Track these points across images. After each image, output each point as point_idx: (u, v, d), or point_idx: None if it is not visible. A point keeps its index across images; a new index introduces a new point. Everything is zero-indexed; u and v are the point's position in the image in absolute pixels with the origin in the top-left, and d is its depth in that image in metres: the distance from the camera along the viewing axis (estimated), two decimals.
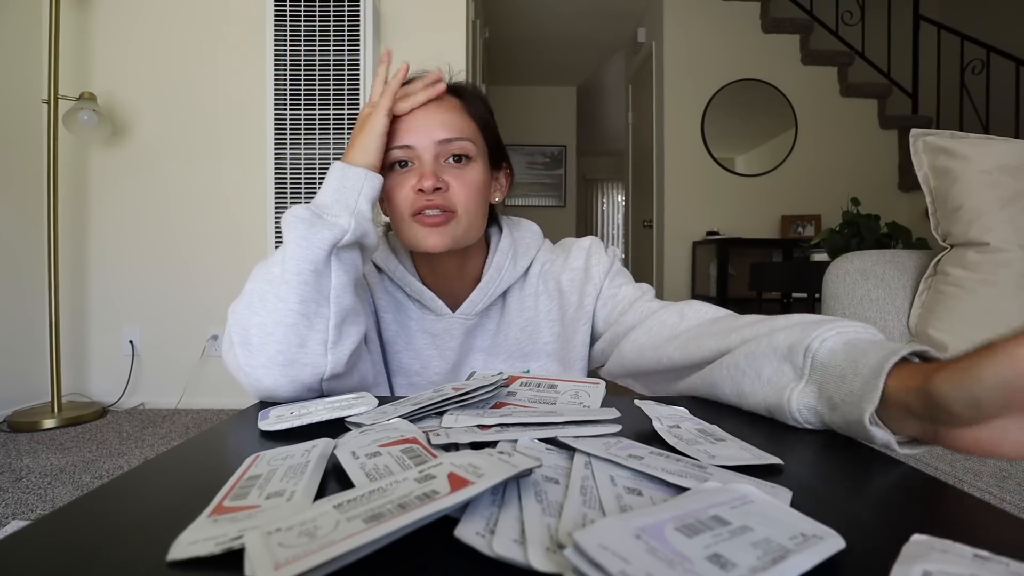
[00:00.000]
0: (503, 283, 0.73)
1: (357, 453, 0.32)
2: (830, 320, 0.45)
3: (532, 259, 0.76)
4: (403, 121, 0.65)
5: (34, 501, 1.44)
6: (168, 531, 0.24)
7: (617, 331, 0.70)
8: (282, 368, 0.51)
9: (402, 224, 0.66)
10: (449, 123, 0.65)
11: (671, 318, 0.64)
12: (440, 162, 0.65)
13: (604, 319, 0.73)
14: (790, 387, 0.43)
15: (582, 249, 0.76)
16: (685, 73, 3.63)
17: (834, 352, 0.42)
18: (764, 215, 3.63)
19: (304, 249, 0.54)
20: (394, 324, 0.72)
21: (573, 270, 0.75)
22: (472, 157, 0.67)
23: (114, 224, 2.45)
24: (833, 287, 1.21)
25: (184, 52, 2.44)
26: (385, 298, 0.72)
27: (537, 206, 5.85)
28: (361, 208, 0.59)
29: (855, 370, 0.38)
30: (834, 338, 0.43)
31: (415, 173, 0.64)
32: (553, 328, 0.74)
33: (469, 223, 0.66)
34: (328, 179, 0.60)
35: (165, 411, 2.38)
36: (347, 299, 0.56)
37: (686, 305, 0.64)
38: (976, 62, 3.01)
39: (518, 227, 0.78)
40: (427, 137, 0.64)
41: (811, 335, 0.43)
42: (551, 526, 0.23)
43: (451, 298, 0.72)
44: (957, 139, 1.08)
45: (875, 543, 0.24)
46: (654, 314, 0.66)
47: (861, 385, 0.37)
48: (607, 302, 0.73)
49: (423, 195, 0.63)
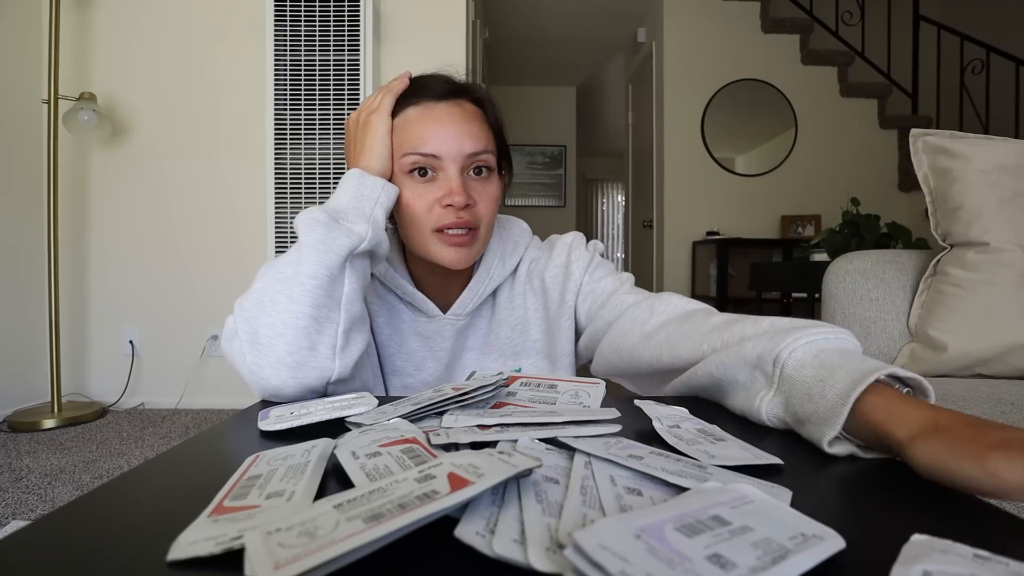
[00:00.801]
0: (492, 283, 0.73)
1: (357, 453, 0.32)
2: (800, 326, 0.44)
3: (521, 258, 0.76)
4: (425, 126, 0.63)
5: (34, 501, 1.44)
6: (168, 531, 0.24)
7: (597, 326, 0.69)
8: (290, 369, 0.51)
9: (420, 236, 0.64)
10: (475, 134, 0.64)
11: (641, 315, 0.63)
12: (464, 175, 0.64)
13: (585, 313, 0.72)
14: (760, 395, 0.43)
15: (564, 245, 0.76)
16: (685, 73, 3.63)
17: (803, 365, 0.41)
18: (764, 215, 3.63)
19: (322, 254, 0.54)
20: (387, 327, 0.72)
21: (556, 267, 0.75)
22: (492, 169, 0.67)
23: (114, 224, 2.45)
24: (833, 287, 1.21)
25: (184, 52, 2.44)
26: (377, 301, 0.72)
27: (537, 206, 5.85)
28: (377, 217, 0.59)
29: (821, 391, 0.38)
30: (803, 348, 0.42)
31: (440, 186, 0.63)
32: (540, 325, 0.74)
33: (486, 238, 0.67)
34: (344, 184, 0.60)
35: (165, 411, 2.38)
36: (356, 306, 0.56)
37: (657, 299, 0.64)
38: (976, 62, 3.01)
39: (507, 226, 0.78)
40: (456, 148, 0.62)
41: (780, 344, 0.43)
42: (551, 526, 0.23)
43: (442, 299, 0.72)
44: (957, 139, 1.08)
45: (875, 543, 0.24)
46: (626, 311, 0.65)
47: (827, 409, 0.37)
48: (587, 297, 0.72)
49: (451, 211, 0.62)
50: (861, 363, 0.38)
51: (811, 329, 0.43)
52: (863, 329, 1.16)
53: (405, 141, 0.63)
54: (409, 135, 0.63)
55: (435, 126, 0.63)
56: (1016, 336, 0.99)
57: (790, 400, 0.41)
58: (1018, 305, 1.00)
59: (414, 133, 0.63)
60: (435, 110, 0.64)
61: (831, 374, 0.38)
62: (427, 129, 0.63)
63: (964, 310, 1.03)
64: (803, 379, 0.40)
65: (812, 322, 0.45)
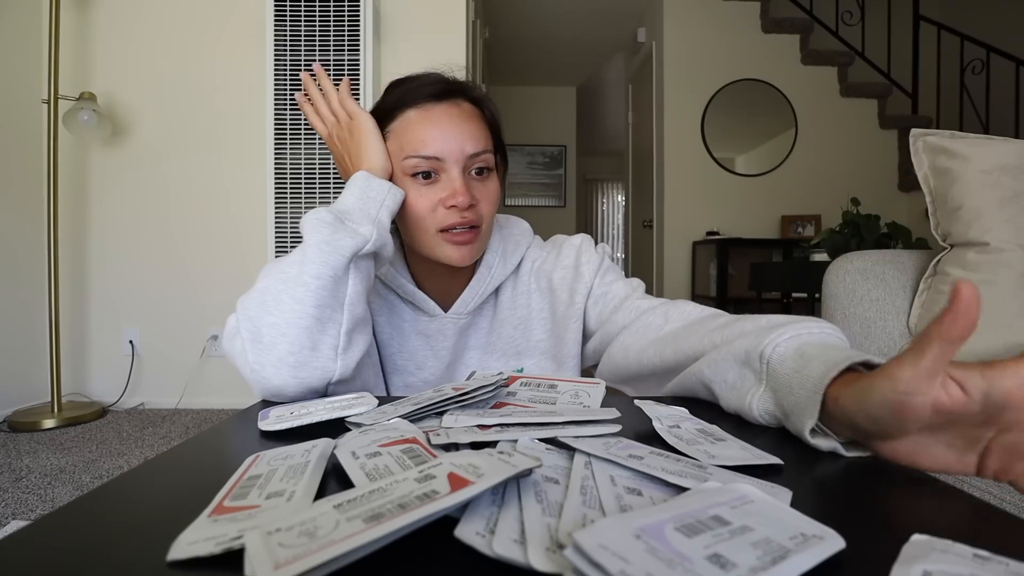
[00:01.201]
0: (493, 281, 0.73)
1: (357, 453, 0.32)
2: (789, 322, 0.45)
3: (522, 256, 0.76)
4: (425, 128, 0.63)
5: (34, 501, 1.44)
6: (168, 531, 0.24)
7: (609, 330, 0.69)
8: (292, 369, 0.51)
9: (424, 236, 0.65)
10: (474, 135, 0.64)
11: (656, 320, 0.63)
12: (466, 175, 0.64)
13: (596, 317, 0.72)
14: (751, 392, 0.43)
15: (573, 247, 0.76)
16: (685, 73, 3.63)
17: (784, 359, 0.42)
18: (764, 215, 3.63)
19: (326, 254, 0.54)
20: (388, 327, 0.72)
21: (564, 268, 0.75)
22: (492, 169, 0.67)
23: (114, 224, 2.45)
24: (833, 287, 1.21)
25: (184, 52, 2.44)
26: (378, 301, 0.72)
27: (537, 206, 5.85)
28: (382, 219, 0.59)
29: (800, 382, 0.38)
30: (786, 343, 0.42)
31: (442, 187, 0.63)
32: (545, 325, 0.74)
33: (488, 235, 0.68)
34: (351, 186, 0.61)
35: (165, 411, 2.38)
36: (359, 308, 0.57)
37: (672, 306, 0.64)
38: (976, 62, 3.01)
39: (507, 225, 0.78)
40: (457, 149, 0.63)
41: (764, 340, 0.43)
42: (551, 526, 0.23)
43: (444, 298, 0.72)
44: (957, 139, 1.08)
45: (875, 543, 0.24)
46: (642, 315, 0.66)
47: (805, 398, 0.37)
48: (598, 300, 0.72)
49: (455, 211, 0.63)
50: (837, 353, 0.38)
51: (796, 324, 0.44)
52: (863, 329, 1.16)
53: (406, 144, 0.63)
54: (410, 138, 0.63)
55: (435, 128, 0.63)
56: (1016, 336, 0.99)
57: (776, 394, 0.41)
58: (1018, 305, 1.00)
59: (415, 136, 0.63)
60: (434, 112, 0.64)
61: (807, 364, 0.39)
62: (427, 131, 0.63)
63: None
64: (784, 372, 0.41)
65: (805, 318, 0.45)
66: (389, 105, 0.66)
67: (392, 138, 0.65)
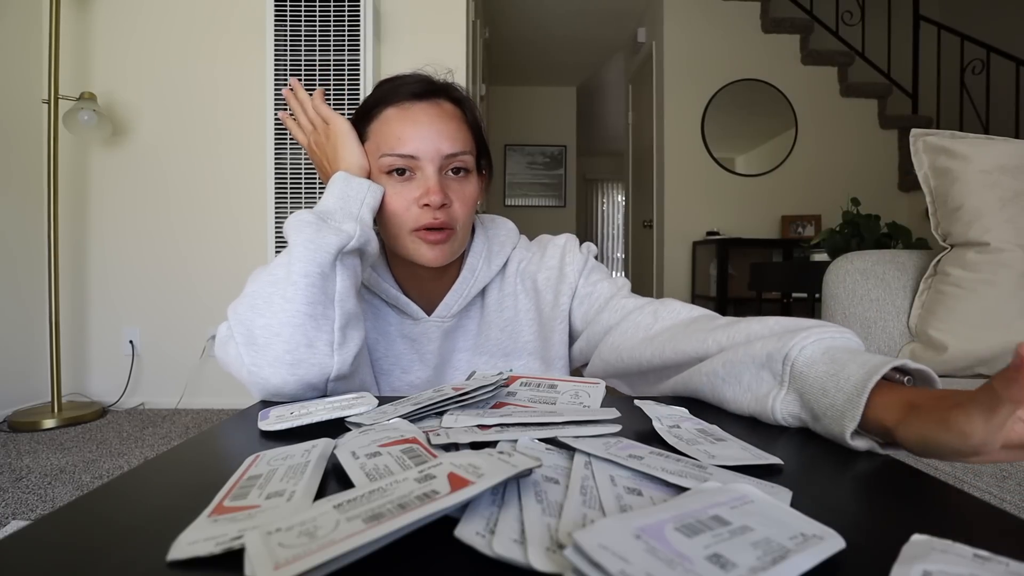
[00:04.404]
0: (478, 283, 0.73)
1: (357, 453, 0.32)
2: (806, 326, 0.45)
3: (507, 257, 0.76)
4: (403, 127, 0.63)
5: (34, 501, 1.44)
6: (168, 531, 0.24)
7: (595, 330, 0.69)
8: (289, 367, 0.51)
9: (399, 234, 0.65)
10: (453, 135, 0.65)
11: (645, 319, 0.63)
12: (442, 174, 0.64)
13: (581, 317, 0.72)
14: (772, 394, 0.44)
15: (557, 247, 0.75)
16: (685, 73, 3.63)
17: (813, 362, 0.42)
18: (764, 215, 3.63)
19: (312, 252, 0.54)
20: (373, 331, 0.72)
21: (548, 269, 0.74)
22: (470, 170, 0.67)
23: (114, 224, 2.45)
24: (833, 287, 1.21)
25: (184, 52, 2.44)
26: (362, 305, 0.72)
27: (537, 206, 5.85)
28: (364, 216, 0.60)
29: (837, 385, 0.39)
30: (812, 346, 0.43)
31: (417, 185, 0.64)
32: (532, 327, 0.73)
33: (463, 237, 0.68)
34: (331, 188, 0.61)
35: (165, 411, 2.38)
36: (350, 303, 0.57)
37: (661, 305, 0.64)
38: (976, 62, 3.01)
39: (493, 226, 0.78)
40: (434, 149, 0.63)
41: (789, 343, 0.44)
42: (551, 526, 0.23)
43: (427, 301, 0.72)
44: (957, 139, 1.08)
45: (875, 543, 0.24)
46: (629, 315, 0.65)
47: (844, 402, 0.38)
48: (583, 300, 0.72)
49: (428, 210, 0.63)
50: (870, 357, 0.40)
51: (818, 329, 0.44)
52: (863, 329, 1.16)
53: (383, 141, 0.64)
54: (387, 135, 0.64)
55: (412, 126, 0.63)
56: (1016, 336, 0.99)
57: (804, 396, 0.42)
58: (1018, 305, 1.00)
59: (392, 133, 0.64)
60: (412, 110, 0.64)
61: (843, 368, 0.40)
62: (404, 129, 0.63)
63: (964, 310, 1.03)
64: (816, 375, 0.41)
65: (816, 322, 0.46)
66: (370, 104, 0.67)
67: (371, 136, 0.66)
